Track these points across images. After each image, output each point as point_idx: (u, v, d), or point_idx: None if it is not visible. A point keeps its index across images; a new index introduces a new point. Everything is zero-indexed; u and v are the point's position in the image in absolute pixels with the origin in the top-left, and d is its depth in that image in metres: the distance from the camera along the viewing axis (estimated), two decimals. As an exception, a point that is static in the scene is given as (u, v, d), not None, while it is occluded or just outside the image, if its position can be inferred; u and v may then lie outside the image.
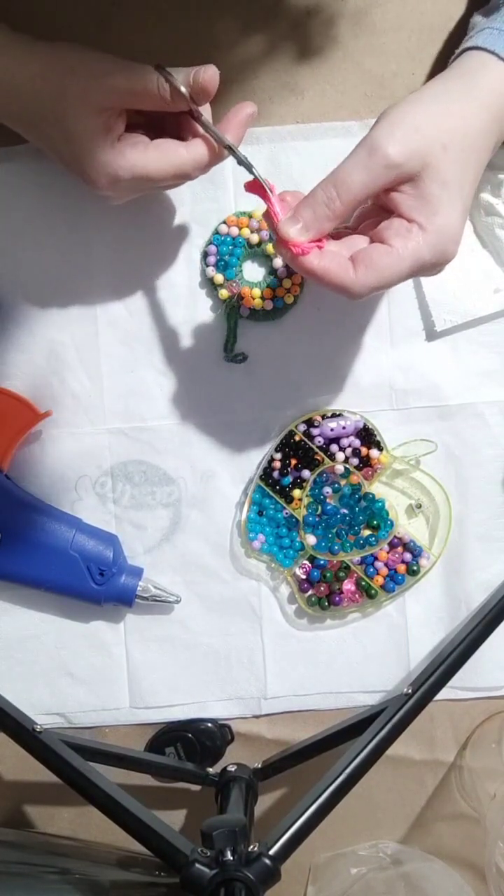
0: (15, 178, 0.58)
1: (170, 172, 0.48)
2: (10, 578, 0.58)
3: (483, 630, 0.54)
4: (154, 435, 0.60)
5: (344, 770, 0.48)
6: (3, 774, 0.62)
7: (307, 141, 0.58)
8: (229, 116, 0.48)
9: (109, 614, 0.60)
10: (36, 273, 0.58)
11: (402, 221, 0.45)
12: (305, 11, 0.57)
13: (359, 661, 0.60)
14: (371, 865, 0.58)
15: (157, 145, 0.48)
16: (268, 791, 0.61)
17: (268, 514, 0.59)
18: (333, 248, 0.46)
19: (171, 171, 0.48)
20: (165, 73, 0.46)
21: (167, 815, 0.62)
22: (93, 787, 0.48)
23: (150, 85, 0.46)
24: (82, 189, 0.57)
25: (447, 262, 0.46)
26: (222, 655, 0.60)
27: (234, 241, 0.58)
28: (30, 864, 0.51)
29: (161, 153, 0.48)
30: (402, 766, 0.61)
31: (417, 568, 0.59)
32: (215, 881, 0.42)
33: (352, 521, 0.58)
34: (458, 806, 0.62)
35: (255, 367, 0.59)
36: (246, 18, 0.57)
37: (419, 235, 0.45)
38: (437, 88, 0.47)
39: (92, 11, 0.57)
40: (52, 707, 0.61)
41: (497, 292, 0.58)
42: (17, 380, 0.59)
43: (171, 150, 0.48)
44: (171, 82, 0.46)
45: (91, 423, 0.60)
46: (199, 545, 0.60)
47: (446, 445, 0.60)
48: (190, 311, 0.59)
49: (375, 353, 0.59)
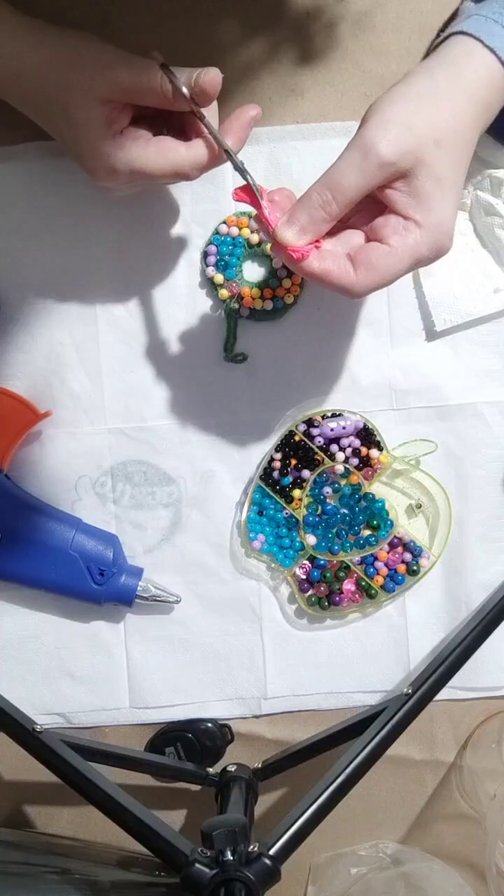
0: (15, 178, 0.58)
1: (167, 170, 0.48)
2: (10, 578, 0.58)
3: (483, 630, 0.54)
4: (154, 435, 0.60)
5: (344, 770, 0.48)
6: (3, 774, 0.62)
7: (307, 141, 0.58)
8: (232, 118, 0.48)
9: (109, 614, 0.60)
10: (36, 273, 0.58)
11: (398, 219, 0.45)
12: (305, 12, 0.57)
13: (359, 661, 0.60)
14: (371, 865, 0.58)
15: (157, 142, 0.48)
16: (268, 791, 0.61)
17: (268, 514, 0.59)
18: (329, 246, 0.46)
19: (168, 168, 0.48)
20: (169, 73, 0.46)
21: (167, 815, 0.62)
22: (93, 787, 0.48)
23: (153, 83, 0.47)
24: (83, 189, 0.57)
25: (443, 254, 0.46)
26: (222, 655, 0.60)
27: (234, 241, 0.58)
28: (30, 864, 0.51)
29: (160, 150, 0.48)
30: (402, 766, 0.61)
31: (417, 568, 0.59)
32: (215, 881, 0.42)
33: (352, 521, 0.58)
34: (458, 806, 0.62)
35: (255, 367, 0.59)
36: (246, 19, 0.57)
37: (416, 233, 0.45)
38: (423, 80, 0.46)
39: (91, 11, 0.57)
40: (52, 707, 0.61)
41: (497, 292, 0.58)
42: (17, 380, 0.59)
43: (170, 148, 0.48)
44: (173, 82, 0.46)
45: (91, 423, 0.60)
46: (199, 545, 0.60)
47: (446, 445, 0.60)
48: (190, 311, 0.59)
49: (375, 353, 0.59)
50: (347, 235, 0.47)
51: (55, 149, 0.57)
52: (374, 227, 0.46)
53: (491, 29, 0.46)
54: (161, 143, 0.48)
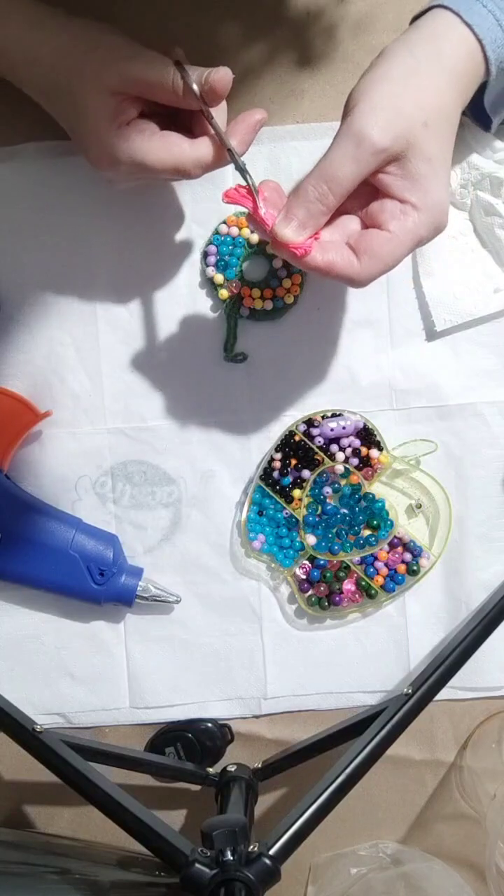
0: (15, 178, 0.58)
1: (168, 164, 0.48)
2: (10, 578, 0.58)
3: (483, 630, 0.54)
4: (154, 435, 0.60)
5: (344, 770, 0.48)
6: (3, 774, 0.62)
7: (307, 141, 0.58)
8: (238, 121, 0.48)
9: (109, 614, 0.60)
10: (36, 273, 0.59)
11: (394, 203, 0.45)
12: (305, 13, 0.57)
13: (359, 661, 0.60)
14: (371, 865, 0.58)
15: (162, 136, 0.48)
16: (268, 791, 0.61)
17: (268, 514, 0.59)
18: (328, 236, 0.46)
19: (170, 162, 0.48)
20: (181, 70, 0.46)
21: (167, 815, 0.62)
22: (93, 787, 0.48)
23: (164, 79, 0.47)
24: (83, 189, 0.57)
25: (441, 232, 0.47)
26: (222, 655, 0.60)
27: (234, 241, 0.58)
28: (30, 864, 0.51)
29: (164, 143, 0.48)
30: (402, 766, 0.61)
31: (417, 568, 0.59)
32: (215, 881, 0.42)
33: (352, 521, 0.58)
34: (458, 806, 0.62)
35: (255, 367, 0.59)
36: (246, 20, 0.57)
37: (414, 215, 0.45)
38: (405, 58, 0.45)
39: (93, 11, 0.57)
40: (52, 707, 0.61)
41: (497, 292, 0.58)
42: (17, 380, 0.59)
43: (174, 143, 0.48)
44: (185, 79, 0.46)
45: (91, 423, 0.60)
46: (199, 545, 0.60)
47: (446, 445, 0.60)
48: (190, 311, 0.59)
49: (375, 353, 0.59)
50: (343, 222, 0.47)
51: (55, 149, 0.57)
52: (370, 212, 0.46)
53: (470, 5, 0.46)
54: (166, 137, 0.48)
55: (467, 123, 0.55)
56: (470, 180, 0.57)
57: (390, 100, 0.44)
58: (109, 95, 0.47)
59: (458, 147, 0.55)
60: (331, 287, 0.59)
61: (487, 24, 0.46)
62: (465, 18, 0.45)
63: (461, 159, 0.57)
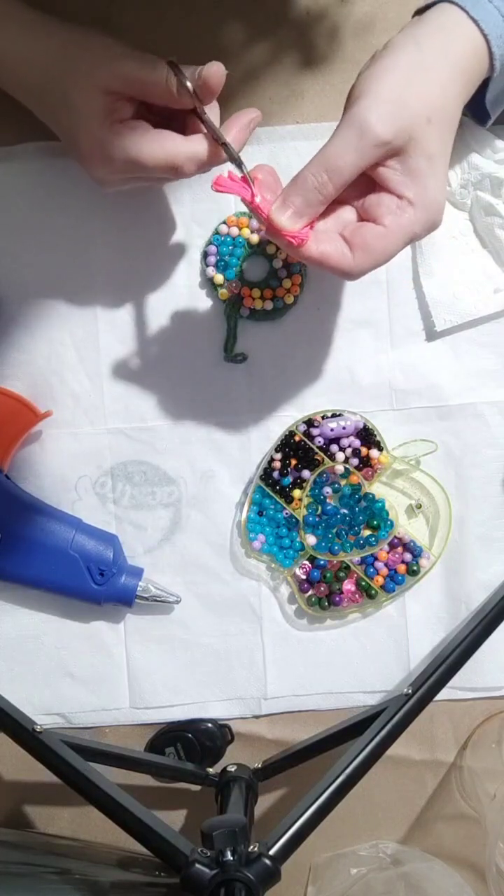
0: (15, 178, 0.58)
1: (162, 160, 0.48)
2: (10, 578, 0.58)
3: (483, 630, 0.54)
4: (154, 435, 0.60)
5: (344, 770, 0.48)
6: (3, 774, 0.62)
7: (307, 141, 0.58)
8: (232, 120, 0.48)
9: (109, 614, 0.60)
10: (36, 273, 0.58)
11: (391, 198, 0.45)
12: (306, 13, 0.57)
13: (359, 661, 0.60)
14: (371, 865, 0.58)
15: (155, 133, 0.48)
16: (268, 791, 0.61)
17: (268, 514, 0.59)
18: (323, 226, 0.46)
19: (163, 159, 0.48)
20: (175, 68, 0.46)
21: (167, 815, 0.62)
22: (93, 787, 0.48)
23: (158, 77, 0.47)
24: (83, 189, 0.57)
25: (434, 230, 0.46)
26: (222, 656, 0.60)
27: (234, 241, 0.58)
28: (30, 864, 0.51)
29: (157, 140, 0.48)
30: (402, 766, 0.61)
31: (417, 568, 0.59)
32: (215, 881, 0.42)
33: (352, 521, 0.58)
34: (458, 806, 0.62)
35: (255, 367, 0.59)
36: (246, 20, 0.57)
37: (410, 212, 0.45)
38: (411, 51, 0.45)
39: (91, 11, 0.57)
40: (52, 707, 0.61)
41: (497, 292, 0.58)
42: (17, 380, 0.59)
43: (168, 139, 0.48)
44: (178, 77, 0.46)
45: (91, 423, 0.59)
46: (199, 545, 0.60)
47: (446, 445, 0.60)
48: (190, 311, 0.59)
49: (375, 353, 0.59)
50: (338, 214, 0.47)
51: (55, 149, 0.57)
52: (366, 206, 0.46)
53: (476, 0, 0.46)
54: (159, 134, 0.48)
55: (466, 122, 0.55)
56: (470, 180, 0.57)
57: (396, 92, 0.44)
58: (102, 94, 0.47)
59: (458, 147, 0.56)
60: (331, 287, 0.59)
61: (493, 19, 0.45)
62: (472, 14, 0.45)
63: (461, 159, 0.57)
